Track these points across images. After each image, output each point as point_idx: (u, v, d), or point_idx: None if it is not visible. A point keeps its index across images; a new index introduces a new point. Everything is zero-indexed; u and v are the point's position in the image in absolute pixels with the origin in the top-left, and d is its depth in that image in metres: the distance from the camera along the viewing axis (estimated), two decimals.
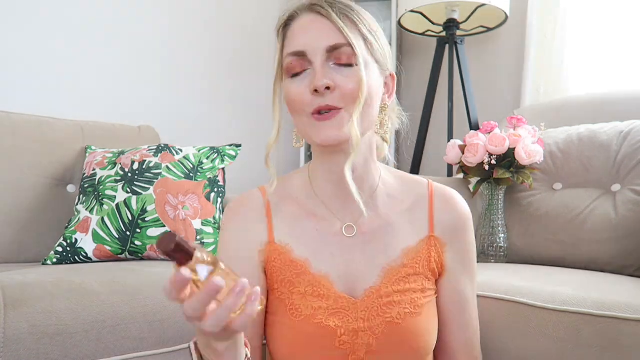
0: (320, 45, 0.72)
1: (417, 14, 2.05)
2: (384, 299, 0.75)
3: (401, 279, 0.76)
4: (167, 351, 1.05)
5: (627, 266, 1.29)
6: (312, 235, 0.79)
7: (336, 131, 0.71)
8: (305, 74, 0.73)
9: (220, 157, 1.55)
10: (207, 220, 1.41)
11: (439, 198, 0.82)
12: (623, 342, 0.86)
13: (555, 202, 1.44)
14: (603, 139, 1.44)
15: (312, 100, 0.72)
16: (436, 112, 2.15)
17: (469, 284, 0.82)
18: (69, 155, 1.57)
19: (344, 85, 0.71)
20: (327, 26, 0.72)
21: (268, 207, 0.81)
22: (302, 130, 0.76)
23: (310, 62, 0.72)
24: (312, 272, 0.76)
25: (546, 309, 0.95)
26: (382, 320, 0.74)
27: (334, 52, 0.72)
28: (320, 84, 0.70)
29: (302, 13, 0.75)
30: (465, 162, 1.55)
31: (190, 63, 2.17)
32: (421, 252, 0.78)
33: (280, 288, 0.77)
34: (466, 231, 0.82)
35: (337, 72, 0.72)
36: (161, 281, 1.10)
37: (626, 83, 1.82)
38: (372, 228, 0.79)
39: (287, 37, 0.76)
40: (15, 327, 0.88)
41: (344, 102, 0.71)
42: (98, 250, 1.33)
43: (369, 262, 0.77)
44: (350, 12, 0.74)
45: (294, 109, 0.75)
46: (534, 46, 2.01)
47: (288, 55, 0.74)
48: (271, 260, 0.78)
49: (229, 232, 0.81)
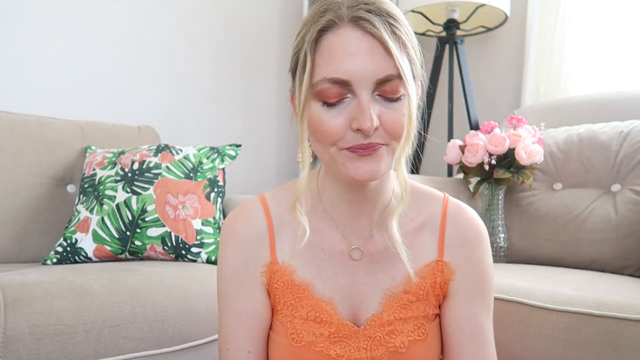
0: (369, 76, 0.60)
1: (417, 14, 2.05)
2: (387, 327, 0.71)
3: (404, 306, 0.72)
4: (167, 351, 1.05)
5: (627, 266, 1.29)
6: (316, 253, 0.73)
7: (375, 166, 0.63)
8: (343, 104, 0.62)
9: (220, 157, 1.55)
10: (207, 220, 1.41)
11: (453, 218, 0.74)
12: (623, 342, 0.86)
13: (555, 202, 1.44)
14: (603, 139, 1.44)
15: (351, 137, 0.62)
16: (436, 112, 2.15)
17: (485, 313, 0.74)
18: (69, 155, 1.57)
19: (389, 121, 0.62)
20: (376, 50, 0.60)
21: (270, 221, 0.74)
22: (327, 159, 0.66)
23: (352, 92, 0.61)
24: (316, 297, 0.72)
25: (546, 309, 0.95)
26: (385, 350, 0.70)
27: (383, 85, 0.61)
28: (369, 126, 0.60)
29: (342, 24, 0.62)
30: (465, 162, 1.55)
31: (190, 63, 2.17)
32: (426, 278, 0.72)
33: (282, 310, 0.73)
34: (481, 255, 0.74)
35: (383, 105, 0.62)
36: (161, 281, 1.10)
37: (626, 83, 1.82)
38: (378, 249, 0.73)
39: (322, 52, 0.62)
40: (15, 327, 0.88)
41: (388, 139, 0.63)
42: (98, 250, 1.33)
43: (373, 285, 0.73)
44: (399, 28, 0.62)
45: (323, 141, 0.64)
46: (534, 46, 2.01)
47: (325, 80, 0.61)
48: (273, 282, 0.73)
49: (229, 253, 0.74)
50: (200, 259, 1.38)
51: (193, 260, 1.37)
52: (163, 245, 1.36)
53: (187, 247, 1.37)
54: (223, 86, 2.30)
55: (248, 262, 0.73)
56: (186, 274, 1.18)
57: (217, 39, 2.27)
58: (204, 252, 1.38)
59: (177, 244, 1.36)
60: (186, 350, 1.09)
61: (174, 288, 1.10)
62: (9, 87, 1.68)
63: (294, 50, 0.66)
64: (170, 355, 1.06)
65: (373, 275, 0.73)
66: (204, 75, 2.23)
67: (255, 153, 2.40)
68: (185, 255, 1.37)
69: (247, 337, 0.73)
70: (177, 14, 2.12)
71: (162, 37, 2.08)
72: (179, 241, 1.36)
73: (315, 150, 0.67)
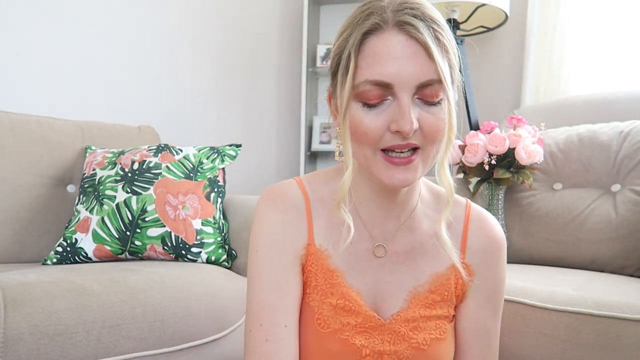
0: (411, 79, 0.62)
1: None
2: (411, 323, 0.73)
3: (428, 305, 0.74)
4: (167, 351, 1.05)
5: (627, 266, 1.29)
6: (346, 247, 0.74)
7: (409, 176, 0.65)
8: (383, 105, 0.64)
9: (220, 157, 1.55)
10: (207, 220, 1.41)
11: (475, 223, 0.77)
12: (623, 342, 0.86)
13: (555, 202, 1.44)
14: (603, 139, 1.44)
15: (390, 138, 0.64)
16: None
17: (492, 317, 0.77)
18: (69, 155, 1.57)
19: (428, 125, 0.64)
20: (420, 55, 0.62)
21: (308, 204, 0.75)
22: (363, 161, 0.68)
23: (393, 94, 0.63)
24: (347, 285, 0.73)
25: (546, 309, 0.95)
26: (407, 345, 0.72)
27: (424, 89, 0.63)
28: (409, 128, 0.62)
29: (387, 28, 0.63)
30: (465, 162, 1.55)
31: (190, 63, 2.17)
32: (450, 279, 0.75)
33: (312, 294, 0.73)
34: (498, 262, 0.77)
35: (423, 109, 0.64)
36: (161, 281, 1.10)
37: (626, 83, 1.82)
38: (404, 249, 0.75)
39: (366, 55, 0.63)
40: (15, 327, 0.88)
41: (424, 142, 0.65)
42: (98, 250, 1.33)
43: (397, 284, 0.75)
44: (442, 34, 0.64)
45: (361, 141, 0.66)
46: (534, 46, 2.01)
47: (368, 82, 0.63)
48: (309, 264, 0.74)
49: (270, 224, 0.74)
50: (200, 259, 1.38)
51: (193, 260, 1.37)
52: (163, 245, 1.36)
53: (187, 247, 1.37)
54: (223, 86, 2.30)
55: (287, 236, 0.73)
56: (186, 274, 1.18)
57: (217, 39, 2.27)
58: (204, 252, 1.38)
59: (177, 244, 1.36)
60: (186, 350, 1.09)
61: (174, 288, 1.10)
62: (9, 87, 1.68)
63: (336, 51, 0.68)
64: (170, 355, 1.06)
65: (397, 275, 0.75)
66: (204, 76, 2.23)
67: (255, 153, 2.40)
68: (185, 255, 1.37)
69: (285, 310, 0.71)
70: (178, 14, 2.13)
71: (162, 37, 2.08)
72: (179, 241, 1.36)
73: (356, 154, 0.68)
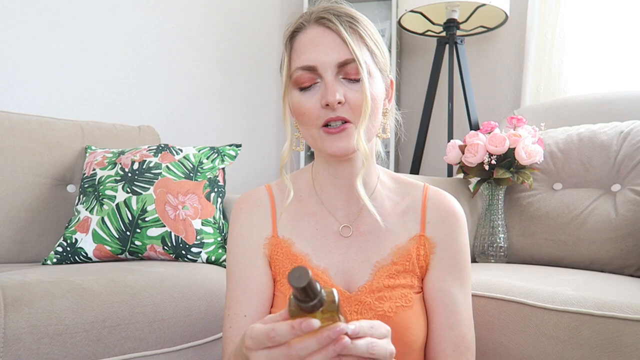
0: (330, 60, 0.74)
1: (417, 14, 2.05)
2: (376, 294, 0.78)
3: (391, 275, 0.80)
4: (167, 351, 1.05)
5: (627, 266, 1.29)
6: (312, 233, 0.83)
7: (345, 143, 0.75)
8: (315, 87, 0.76)
9: (220, 157, 1.55)
10: (207, 220, 1.42)
11: (433, 200, 0.85)
12: (623, 342, 0.86)
13: (555, 202, 1.44)
14: (603, 139, 1.44)
15: (324, 113, 0.75)
16: (436, 112, 2.15)
17: (458, 286, 0.82)
18: (69, 155, 1.57)
19: (353, 99, 0.75)
20: (336, 41, 0.75)
21: (273, 203, 0.86)
22: (311, 141, 0.79)
23: (320, 76, 0.75)
24: (312, 265, 0.81)
25: (546, 309, 0.95)
26: (374, 314, 0.77)
27: (344, 67, 0.74)
28: (333, 99, 0.73)
29: (309, 25, 0.77)
30: (465, 162, 1.55)
31: (190, 63, 2.17)
32: (411, 251, 0.81)
33: (281, 280, 0.82)
34: (458, 233, 0.83)
35: (347, 86, 0.75)
36: (161, 281, 1.10)
37: (626, 83, 1.82)
38: (368, 229, 0.83)
39: (295, 49, 0.77)
40: (15, 327, 0.88)
41: (353, 115, 0.75)
42: (98, 250, 1.33)
43: (363, 260, 0.81)
44: (356, 25, 0.76)
45: (303, 122, 0.78)
46: (534, 46, 2.01)
47: (298, 68, 0.76)
48: (274, 254, 0.82)
49: (237, 226, 0.85)
50: (200, 259, 1.38)
51: (193, 260, 1.37)
52: (163, 245, 1.36)
53: (187, 247, 1.37)
54: (223, 86, 2.30)
55: (253, 235, 0.84)
56: (186, 274, 1.18)
57: (217, 39, 2.27)
58: (204, 252, 1.38)
59: (177, 244, 1.36)
60: (186, 350, 1.09)
61: (174, 288, 1.10)
62: (9, 87, 1.68)
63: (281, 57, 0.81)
64: (170, 355, 1.06)
65: (364, 252, 0.82)
66: (204, 76, 2.23)
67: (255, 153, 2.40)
68: (185, 255, 1.37)
69: (246, 302, 0.80)
70: (178, 14, 2.13)
71: (162, 37, 2.08)
72: (179, 241, 1.36)
73: (303, 134, 0.81)
